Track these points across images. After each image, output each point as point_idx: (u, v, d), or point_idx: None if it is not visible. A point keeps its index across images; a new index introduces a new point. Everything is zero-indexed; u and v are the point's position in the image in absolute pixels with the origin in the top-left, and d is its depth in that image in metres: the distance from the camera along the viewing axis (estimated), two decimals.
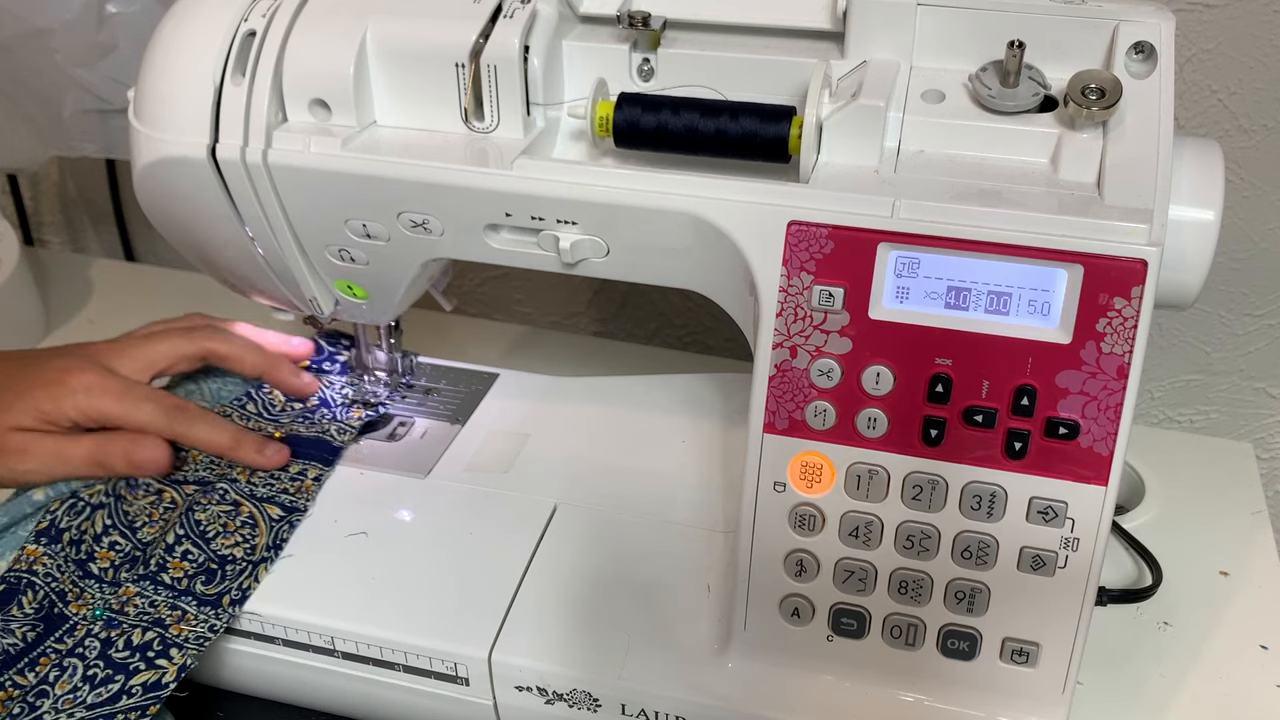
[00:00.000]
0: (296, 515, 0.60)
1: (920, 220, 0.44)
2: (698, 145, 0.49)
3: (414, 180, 0.50)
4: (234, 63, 0.51)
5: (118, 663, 0.52)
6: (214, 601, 0.55)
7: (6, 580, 0.56)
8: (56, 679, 0.52)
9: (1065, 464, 0.45)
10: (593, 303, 0.98)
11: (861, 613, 0.50)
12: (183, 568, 0.56)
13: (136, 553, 0.58)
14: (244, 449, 0.60)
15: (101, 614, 0.54)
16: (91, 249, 1.13)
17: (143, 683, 0.51)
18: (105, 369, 0.60)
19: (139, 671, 0.52)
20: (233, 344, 0.65)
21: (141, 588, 0.55)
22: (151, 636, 0.53)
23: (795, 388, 0.47)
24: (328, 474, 0.63)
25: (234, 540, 0.58)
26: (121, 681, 0.51)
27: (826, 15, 0.50)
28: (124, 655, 0.52)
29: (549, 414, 0.68)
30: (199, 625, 0.54)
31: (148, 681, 0.51)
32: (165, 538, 0.57)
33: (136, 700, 0.50)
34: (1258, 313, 0.82)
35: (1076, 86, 0.45)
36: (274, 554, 0.57)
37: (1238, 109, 0.74)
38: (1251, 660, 0.56)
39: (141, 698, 0.50)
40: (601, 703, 0.52)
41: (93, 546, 0.58)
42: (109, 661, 0.52)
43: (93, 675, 0.51)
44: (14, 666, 0.52)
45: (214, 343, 0.64)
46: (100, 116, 0.82)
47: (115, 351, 0.62)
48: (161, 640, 0.53)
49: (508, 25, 0.49)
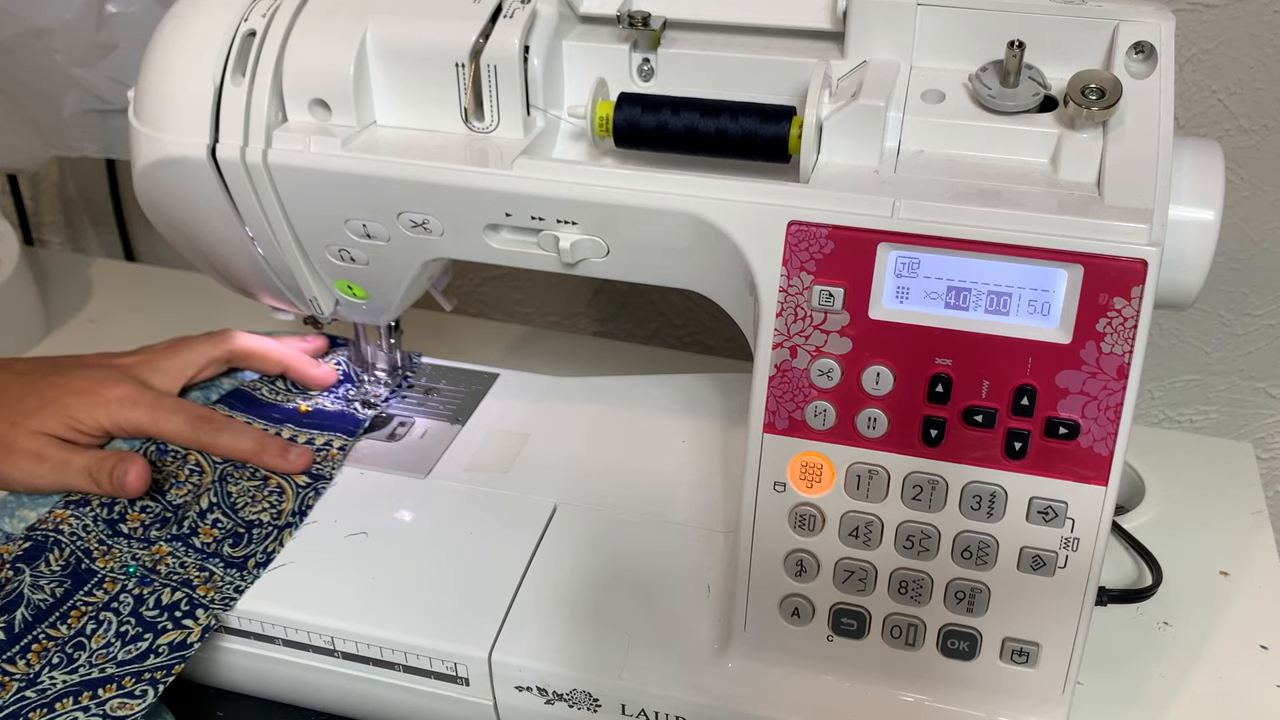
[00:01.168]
0: (322, 483, 0.62)
1: (920, 220, 0.44)
2: (698, 145, 0.49)
3: (414, 180, 0.50)
4: (234, 63, 0.51)
5: (148, 621, 0.54)
6: (240, 564, 0.57)
7: (33, 538, 0.58)
8: (93, 631, 0.53)
9: (1065, 464, 0.45)
10: (593, 303, 0.98)
11: (861, 613, 0.50)
12: (212, 534, 0.59)
13: (167, 514, 0.60)
14: (268, 454, 0.62)
15: (135, 570, 0.56)
16: (91, 249, 1.13)
17: (169, 642, 0.53)
18: (138, 381, 0.63)
19: (166, 631, 0.53)
20: (254, 343, 0.67)
21: (174, 548, 0.58)
22: (180, 596, 0.55)
23: (795, 388, 0.47)
24: (351, 444, 0.65)
25: (261, 507, 0.60)
26: (150, 640, 0.53)
27: (826, 15, 0.50)
28: (153, 614, 0.54)
29: (549, 414, 0.68)
30: (225, 587, 0.56)
31: (174, 641, 0.53)
32: (199, 501, 0.60)
33: (163, 659, 0.52)
34: (1258, 313, 0.82)
35: (1076, 86, 0.45)
36: (298, 520, 0.60)
37: (1238, 109, 0.74)
38: (1251, 660, 0.56)
39: (168, 657, 0.52)
40: (601, 703, 0.52)
41: (125, 508, 0.60)
42: (140, 619, 0.54)
43: (125, 632, 0.53)
44: (46, 620, 0.54)
45: (236, 344, 0.67)
46: (100, 116, 0.82)
47: (146, 365, 0.64)
48: (189, 600, 0.55)
49: (508, 25, 0.49)
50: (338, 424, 0.66)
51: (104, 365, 0.64)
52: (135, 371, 0.64)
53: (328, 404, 0.68)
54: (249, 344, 0.67)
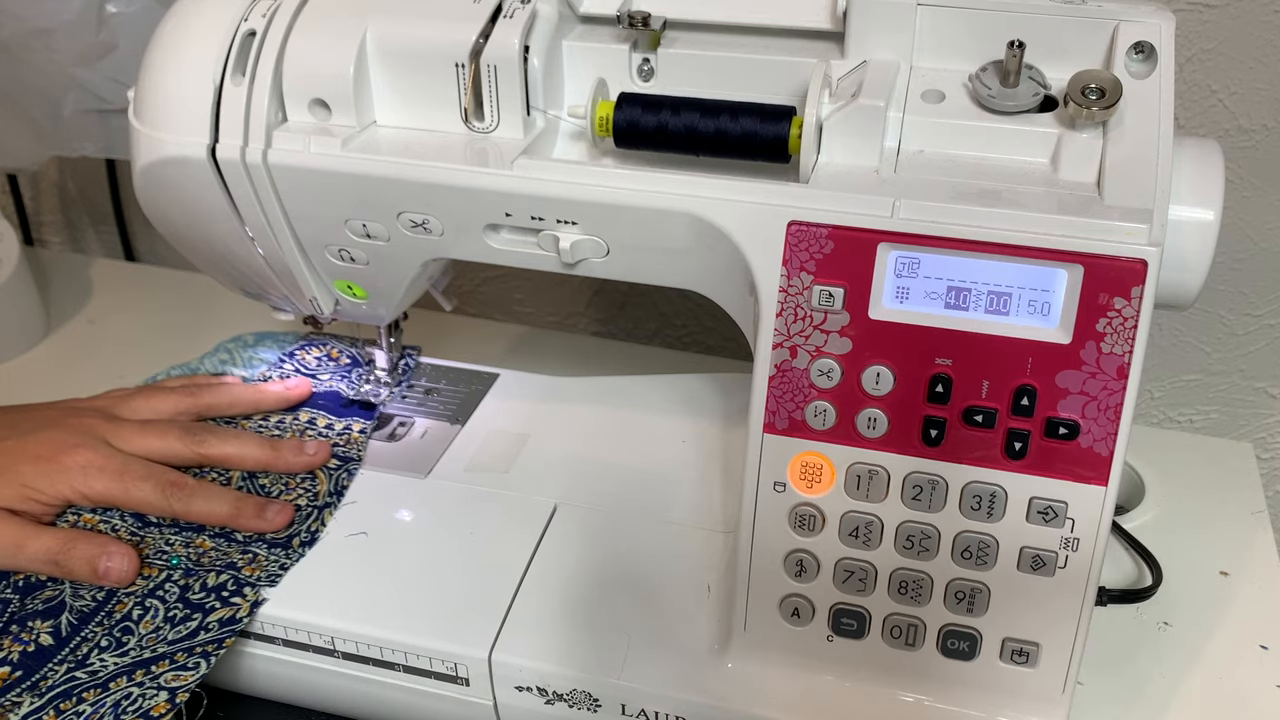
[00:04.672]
0: (352, 464, 0.63)
1: (920, 220, 0.44)
2: (698, 145, 0.49)
3: (414, 180, 0.50)
4: (234, 63, 0.51)
5: (195, 603, 0.55)
6: (284, 544, 0.58)
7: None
8: (140, 617, 0.54)
9: (1065, 464, 0.45)
10: (593, 303, 0.98)
11: (861, 613, 0.50)
12: None
13: None
14: (244, 516, 0.58)
15: (179, 562, 0.57)
16: (91, 249, 1.13)
17: (219, 619, 0.54)
18: (102, 443, 0.58)
19: (215, 610, 0.55)
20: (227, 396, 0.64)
21: (216, 543, 0.58)
22: (225, 579, 0.56)
23: (795, 388, 0.47)
24: (370, 427, 0.66)
25: (296, 494, 0.61)
26: (199, 619, 0.54)
27: (826, 15, 0.50)
28: (200, 596, 0.55)
29: (549, 414, 0.68)
30: (270, 565, 0.57)
31: (223, 617, 0.54)
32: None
33: (213, 634, 0.53)
34: (1258, 313, 0.82)
35: (1076, 86, 0.45)
36: (336, 500, 0.61)
37: (1238, 109, 0.74)
38: (1251, 660, 0.56)
39: (218, 632, 0.54)
40: (601, 703, 0.52)
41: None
42: (187, 603, 0.55)
43: (173, 616, 0.54)
44: (94, 620, 0.54)
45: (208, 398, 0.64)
46: (100, 116, 0.82)
47: (111, 425, 0.59)
48: (235, 581, 0.56)
49: (508, 25, 0.49)
50: (355, 412, 0.67)
51: (66, 425, 0.58)
52: (98, 431, 0.58)
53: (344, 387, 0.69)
54: (222, 398, 0.64)
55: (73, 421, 0.59)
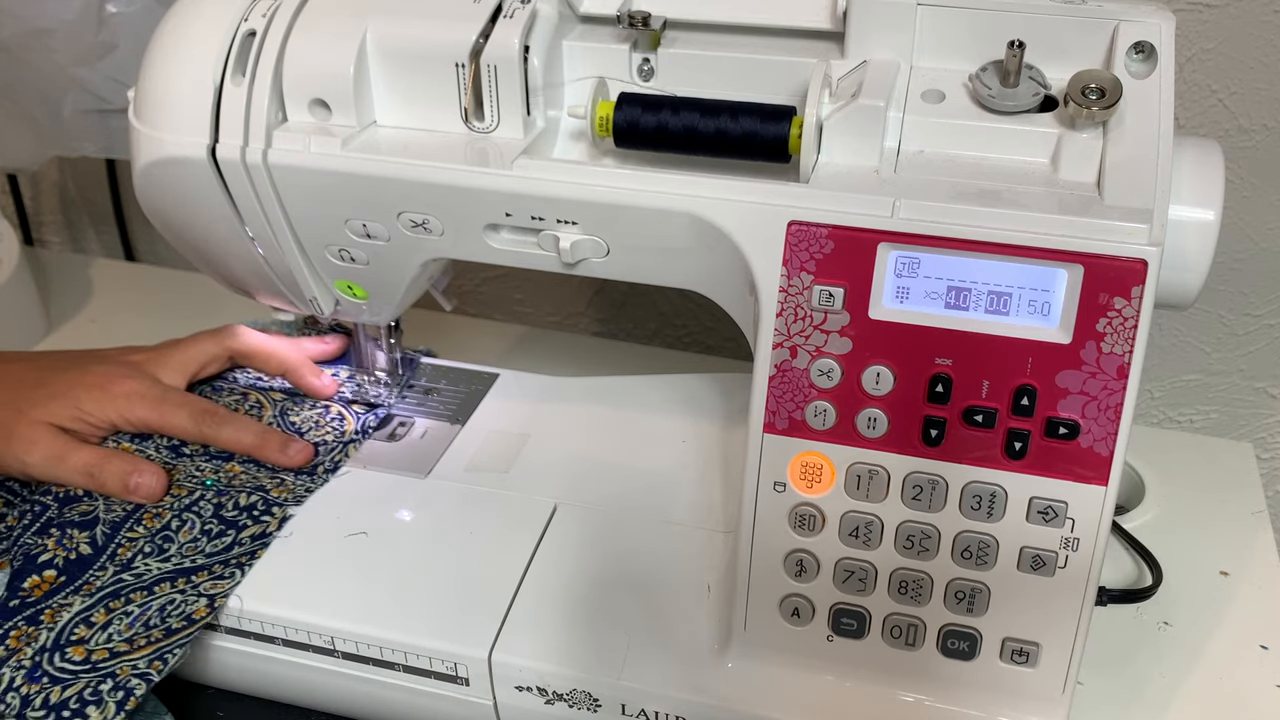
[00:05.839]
0: (380, 409, 0.68)
1: (920, 220, 0.44)
2: (698, 145, 0.49)
3: (414, 180, 0.50)
4: (234, 63, 0.51)
5: (228, 519, 0.59)
6: (310, 471, 0.63)
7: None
8: (179, 528, 0.59)
9: (1065, 464, 0.45)
10: (593, 303, 0.98)
11: (861, 613, 0.50)
12: None
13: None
14: (269, 448, 0.63)
15: (213, 484, 0.61)
16: (91, 249, 1.13)
17: (250, 534, 0.59)
18: (148, 376, 0.64)
19: (247, 526, 0.59)
20: (258, 343, 0.68)
21: (246, 467, 0.63)
22: (255, 499, 0.61)
23: (795, 388, 0.47)
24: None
25: (325, 431, 0.66)
26: (233, 535, 0.59)
27: (826, 15, 0.50)
28: (233, 514, 0.60)
29: (549, 414, 0.68)
30: (296, 489, 0.61)
31: (255, 533, 0.59)
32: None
33: (246, 548, 0.58)
34: (1258, 313, 0.82)
35: (1076, 86, 0.45)
36: (361, 439, 0.65)
37: (1238, 109, 0.74)
38: (1251, 660, 0.56)
39: (250, 545, 0.58)
40: (601, 703, 0.52)
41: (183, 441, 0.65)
42: (221, 519, 0.59)
43: (209, 529, 0.59)
44: (124, 527, 0.59)
45: (239, 342, 0.68)
46: (100, 116, 0.82)
47: (155, 360, 0.66)
48: (264, 501, 0.60)
49: (508, 25, 0.49)
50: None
51: (115, 360, 0.65)
52: (145, 367, 0.65)
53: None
54: (253, 343, 0.68)
55: (125, 358, 0.66)
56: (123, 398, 0.62)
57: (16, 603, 0.55)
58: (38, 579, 0.56)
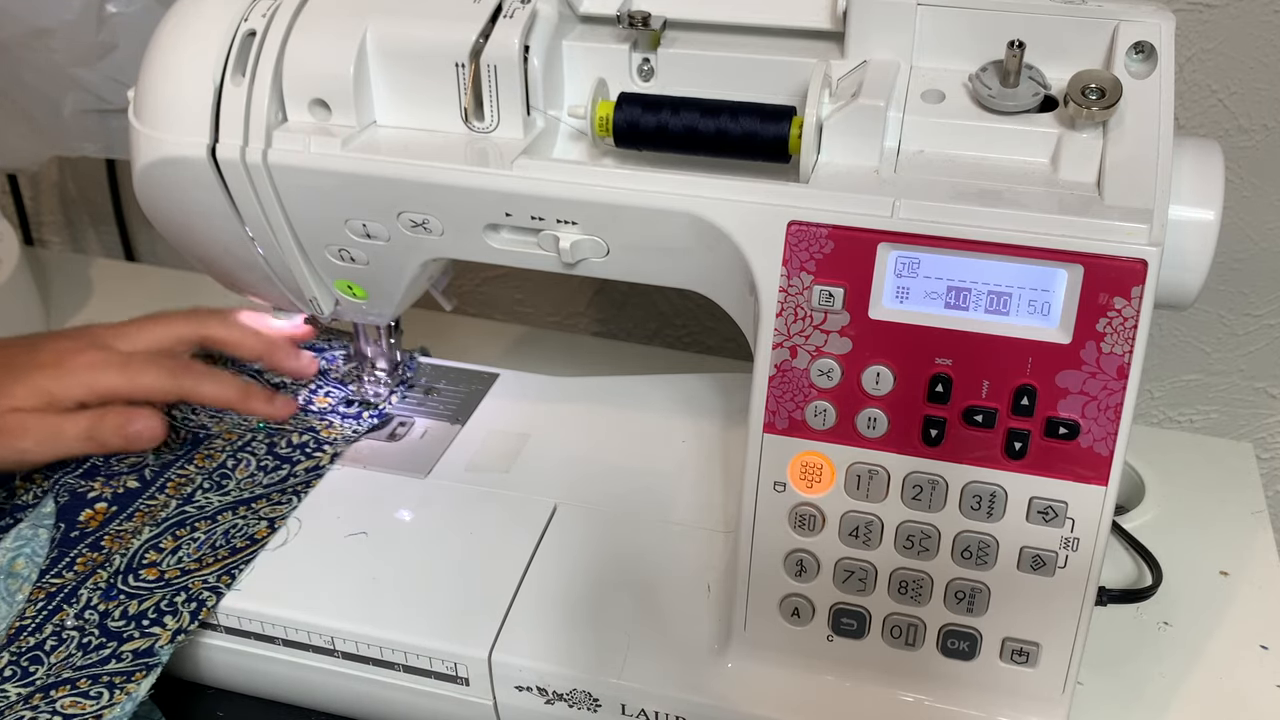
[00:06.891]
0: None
1: (920, 220, 0.44)
2: (698, 145, 0.49)
3: (414, 180, 0.50)
4: (234, 63, 0.51)
5: (283, 456, 0.64)
6: (355, 416, 0.67)
7: None
8: (234, 466, 0.63)
9: (1065, 464, 0.45)
10: (593, 303, 0.98)
11: (861, 613, 0.50)
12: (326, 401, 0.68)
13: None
14: (253, 400, 0.63)
15: (263, 427, 0.65)
16: (91, 249, 1.13)
17: (304, 467, 0.63)
18: (105, 346, 0.62)
19: (300, 461, 0.63)
20: (231, 328, 0.65)
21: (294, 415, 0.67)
22: (306, 439, 0.65)
23: (795, 388, 0.47)
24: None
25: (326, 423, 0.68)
26: (288, 469, 0.63)
27: (826, 15, 0.50)
28: (286, 451, 0.64)
29: (549, 414, 0.68)
30: (344, 428, 0.66)
31: (309, 466, 0.63)
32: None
33: (301, 478, 0.62)
34: (1258, 313, 0.82)
35: (1076, 86, 0.45)
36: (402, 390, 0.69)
37: (1238, 109, 0.74)
38: (1251, 660, 0.56)
39: (305, 476, 0.62)
40: (601, 703, 0.52)
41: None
42: (276, 456, 0.64)
43: (265, 465, 0.63)
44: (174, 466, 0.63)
45: (212, 327, 0.65)
46: (100, 116, 0.82)
47: (114, 333, 0.63)
48: (315, 440, 0.65)
49: (508, 25, 0.49)
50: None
51: (71, 336, 0.63)
52: (100, 338, 0.62)
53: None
54: (223, 332, 0.65)
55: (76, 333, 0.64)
56: (84, 369, 0.59)
57: (76, 533, 0.59)
58: (90, 511, 0.60)
